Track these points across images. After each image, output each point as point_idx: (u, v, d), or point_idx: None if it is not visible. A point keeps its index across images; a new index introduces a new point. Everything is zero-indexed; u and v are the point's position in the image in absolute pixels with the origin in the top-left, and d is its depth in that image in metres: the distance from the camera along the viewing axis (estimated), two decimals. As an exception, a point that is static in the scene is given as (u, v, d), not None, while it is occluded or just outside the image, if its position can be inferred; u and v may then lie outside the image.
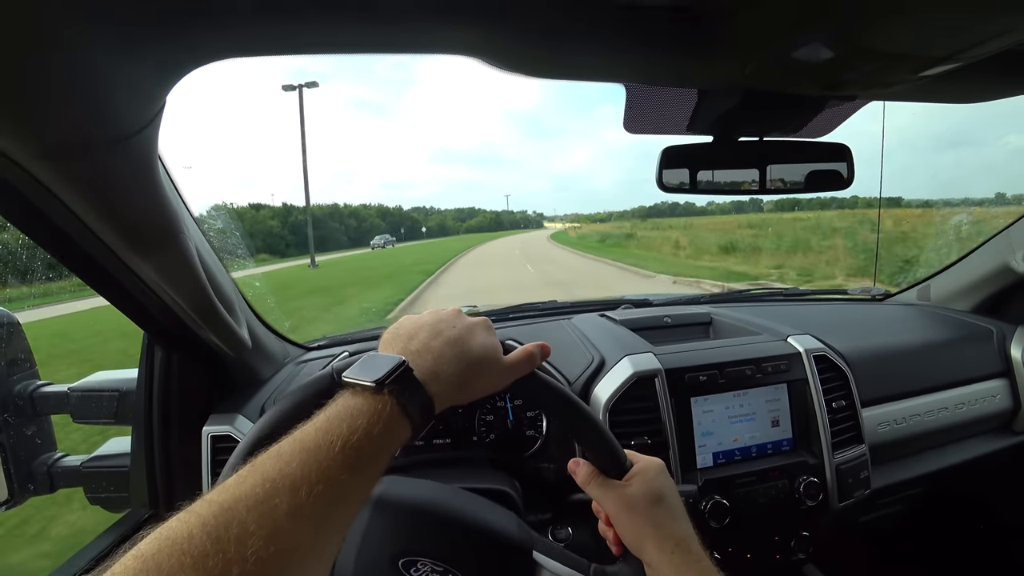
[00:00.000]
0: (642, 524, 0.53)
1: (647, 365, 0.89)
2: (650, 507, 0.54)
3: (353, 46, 0.52)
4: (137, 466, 0.95)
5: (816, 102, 0.78)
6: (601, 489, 0.57)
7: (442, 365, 0.46)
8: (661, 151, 0.80)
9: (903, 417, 1.09)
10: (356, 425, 0.38)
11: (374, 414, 0.40)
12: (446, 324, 0.50)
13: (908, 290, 1.53)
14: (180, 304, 0.73)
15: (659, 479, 0.56)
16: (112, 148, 0.50)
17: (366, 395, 0.41)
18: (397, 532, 0.54)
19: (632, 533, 0.54)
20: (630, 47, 0.59)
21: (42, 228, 0.59)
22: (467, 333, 0.50)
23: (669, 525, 0.53)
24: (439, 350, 0.47)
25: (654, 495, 0.54)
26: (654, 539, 0.52)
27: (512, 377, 0.52)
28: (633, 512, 0.54)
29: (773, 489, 0.88)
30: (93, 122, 0.47)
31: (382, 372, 0.42)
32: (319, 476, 0.34)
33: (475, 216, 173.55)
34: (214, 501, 0.32)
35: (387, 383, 0.41)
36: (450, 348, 0.48)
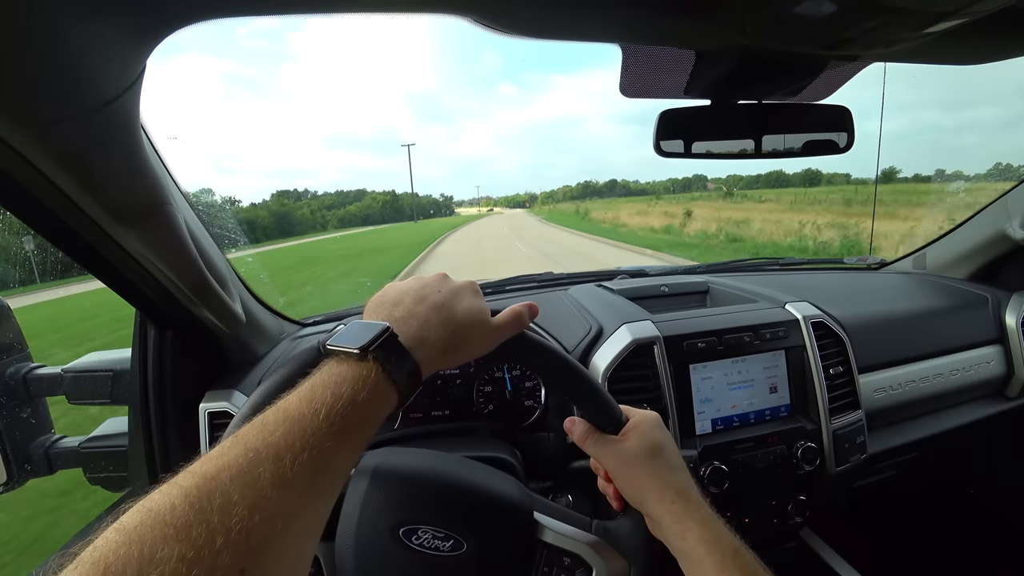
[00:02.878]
0: (641, 477, 0.54)
1: (645, 332, 0.89)
2: (648, 460, 0.54)
3: (345, 4, 0.50)
4: (135, 445, 0.94)
5: (816, 63, 0.77)
6: (598, 445, 0.57)
7: (428, 330, 0.46)
8: (658, 115, 0.79)
9: (899, 383, 1.10)
10: (340, 392, 0.38)
11: (358, 381, 0.39)
12: (431, 289, 0.49)
13: (904, 259, 1.53)
14: (171, 279, 0.71)
15: (656, 432, 0.56)
16: (90, 115, 0.48)
17: (350, 362, 0.41)
18: (396, 501, 0.54)
19: (632, 486, 0.54)
20: (626, 5, 0.57)
21: (24, 203, 0.57)
22: (452, 297, 0.49)
23: (668, 476, 0.53)
24: (424, 315, 0.46)
25: (652, 448, 0.55)
26: (654, 491, 0.53)
27: (500, 339, 0.52)
28: (631, 465, 0.54)
29: (771, 454, 0.89)
30: (68, 88, 0.45)
31: (366, 339, 0.41)
32: (303, 445, 0.34)
33: (362, 199, 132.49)
34: (197, 472, 0.31)
35: (371, 349, 0.41)
36: (436, 313, 0.47)
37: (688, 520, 0.51)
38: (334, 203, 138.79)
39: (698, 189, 78.58)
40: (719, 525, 0.51)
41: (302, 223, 78.64)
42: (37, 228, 0.62)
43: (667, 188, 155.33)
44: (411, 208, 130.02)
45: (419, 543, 0.52)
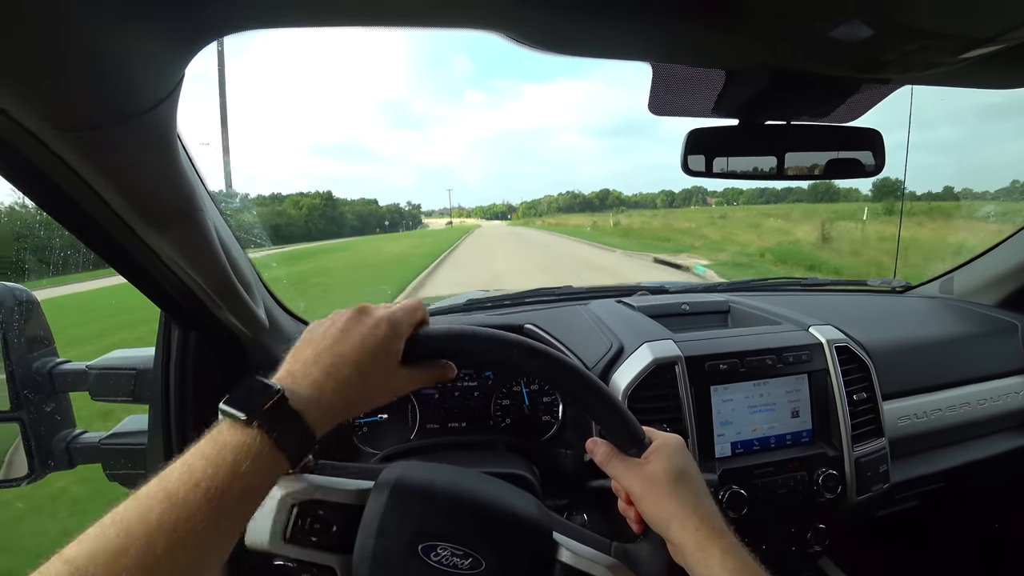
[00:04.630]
0: (665, 501, 0.53)
1: (667, 352, 0.88)
2: (673, 484, 0.53)
3: (378, 18, 0.51)
4: (154, 444, 0.95)
5: (848, 85, 0.76)
6: (621, 467, 0.56)
7: (326, 385, 0.45)
8: (686, 134, 0.78)
9: (923, 411, 1.07)
10: (222, 461, 0.37)
11: (242, 450, 0.38)
12: (332, 337, 0.48)
13: (930, 282, 1.50)
14: (199, 283, 0.72)
15: (679, 456, 0.55)
16: (130, 122, 0.49)
17: (237, 428, 0.40)
18: (415, 517, 0.53)
19: (655, 511, 0.53)
20: (659, 23, 0.57)
21: (60, 204, 0.58)
22: (360, 342, 0.48)
23: (692, 502, 0.52)
24: (326, 366, 0.45)
25: (676, 472, 0.54)
26: (677, 516, 0.52)
27: (413, 386, 0.52)
28: (655, 490, 0.53)
29: (792, 480, 0.87)
30: (110, 95, 0.46)
31: (255, 404, 0.40)
32: (176, 525, 0.33)
33: (301, 206, 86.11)
34: (69, 559, 0.31)
35: (258, 416, 0.40)
36: (335, 366, 0.46)
37: (712, 548, 0.50)
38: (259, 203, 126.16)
39: (697, 203, 77.90)
40: (743, 553, 0.50)
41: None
42: (71, 229, 0.63)
43: (665, 201, 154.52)
44: (370, 219, 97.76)
45: (438, 560, 0.52)
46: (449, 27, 0.54)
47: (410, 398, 0.95)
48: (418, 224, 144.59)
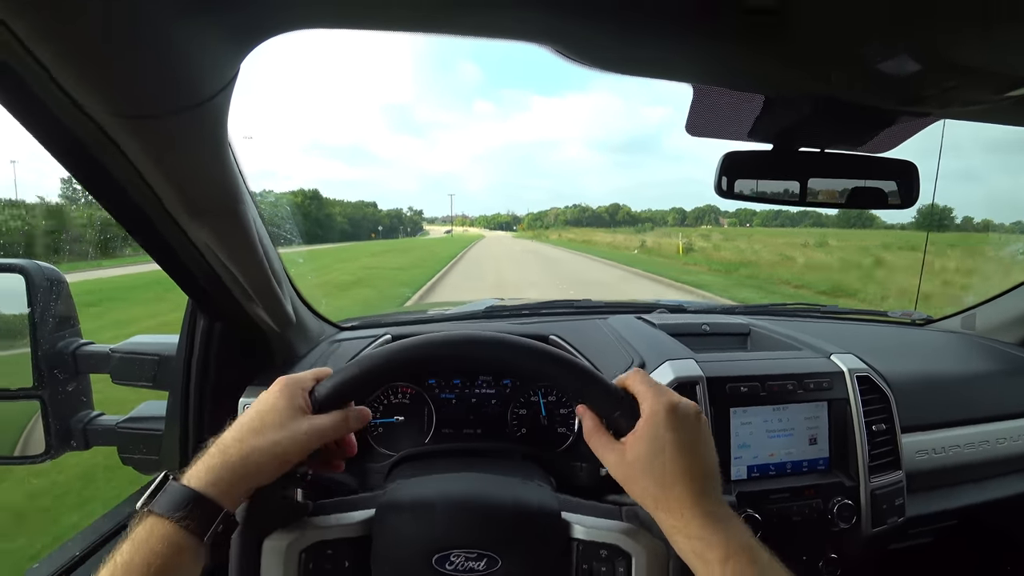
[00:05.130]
0: (640, 485, 0.52)
1: (689, 372, 0.88)
2: (642, 474, 0.51)
3: (435, 25, 0.52)
4: (170, 431, 0.96)
5: (887, 116, 0.76)
6: (601, 449, 0.55)
7: (220, 472, 0.48)
8: (721, 156, 0.79)
9: (942, 447, 1.06)
10: (136, 546, 0.44)
11: (149, 534, 0.45)
12: (236, 424, 0.53)
13: (952, 317, 1.48)
14: (234, 275, 0.73)
15: (663, 432, 0.51)
16: (185, 113, 0.51)
17: (144, 520, 0.46)
18: (425, 531, 0.54)
19: (631, 491, 0.53)
20: (707, 46, 0.58)
21: (108, 188, 0.60)
22: (245, 420, 0.52)
23: (656, 493, 0.51)
24: (220, 452, 0.50)
25: (651, 454, 0.51)
26: (648, 500, 0.51)
27: (322, 431, 0.53)
28: (628, 477, 0.52)
29: (807, 508, 0.87)
30: (169, 85, 0.48)
31: (157, 501, 0.47)
32: None
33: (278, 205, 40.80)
34: None
35: (157, 508, 0.46)
36: (228, 447, 0.50)
37: (677, 535, 0.50)
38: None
39: (710, 222, 76.60)
40: (711, 534, 0.48)
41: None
42: (116, 214, 0.65)
43: (677, 218, 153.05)
44: (366, 222, 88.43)
45: (453, 568, 0.52)
46: (500, 39, 0.55)
47: (427, 401, 0.95)
48: (418, 231, 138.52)
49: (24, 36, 0.38)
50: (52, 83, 0.43)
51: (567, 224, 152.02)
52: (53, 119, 0.48)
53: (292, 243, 1.05)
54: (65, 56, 0.41)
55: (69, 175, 0.56)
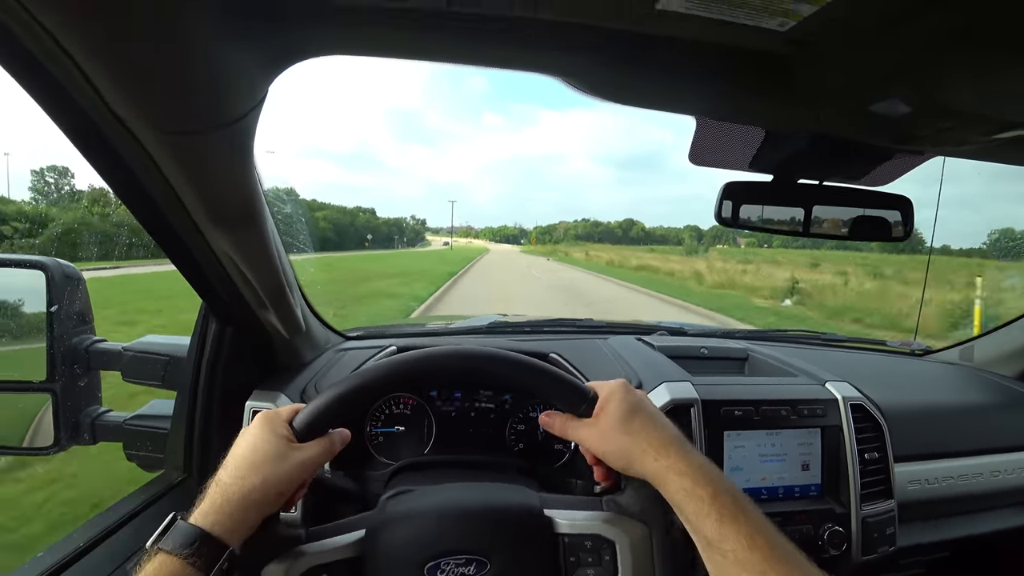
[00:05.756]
0: (621, 446, 0.56)
1: (684, 394, 0.89)
2: (623, 428, 0.56)
3: (454, 56, 0.55)
4: (176, 430, 0.98)
5: (883, 153, 0.79)
6: (576, 430, 0.59)
7: (222, 493, 0.51)
8: (722, 185, 0.82)
9: (935, 477, 1.07)
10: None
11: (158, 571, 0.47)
12: (226, 462, 0.55)
13: (950, 348, 1.49)
14: (251, 282, 0.76)
15: (625, 400, 0.58)
16: (218, 129, 0.54)
17: (155, 557, 0.48)
18: (415, 542, 0.56)
19: (616, 458, 0.57)
20: (713, 84, 0.61)
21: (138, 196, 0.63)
22: (235, 458, 0.55)
23: (645, 436, 0.55)
24: (221, 493, 0.52)
25: (624, 415, 0.57)
26: (636, 455, 0.55)
27: (312, 459, 0.56)
28: (610, 437, 0.57)
29: (797, 533, 0.87)
30: (205, 103, 0.51)
31: (167, 539, 0.49)
32: None
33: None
34: None
35: (167, 546, 0.48)
36: (226, 488, 0.52)
37: (669, 473, 0.53)
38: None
39: (728, 242, 75.24)
40: (699, 472, 0.52)
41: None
42: (143, 220, 0.68)
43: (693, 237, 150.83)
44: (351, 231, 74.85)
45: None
46: (512, 69, 0.58)
47: (428, 413, 0.97)
48: (418, 241, 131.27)
49: (75, 54, 0.41)
50: (99, 98, 0.46)
51: (577, 239, 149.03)
52: (96, 131, 0.52)
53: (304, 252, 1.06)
54: (113, 73, 0.44)
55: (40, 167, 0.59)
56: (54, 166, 19.37)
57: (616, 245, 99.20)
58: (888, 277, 17.89)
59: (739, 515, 0.50)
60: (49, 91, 0.47)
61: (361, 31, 0.52)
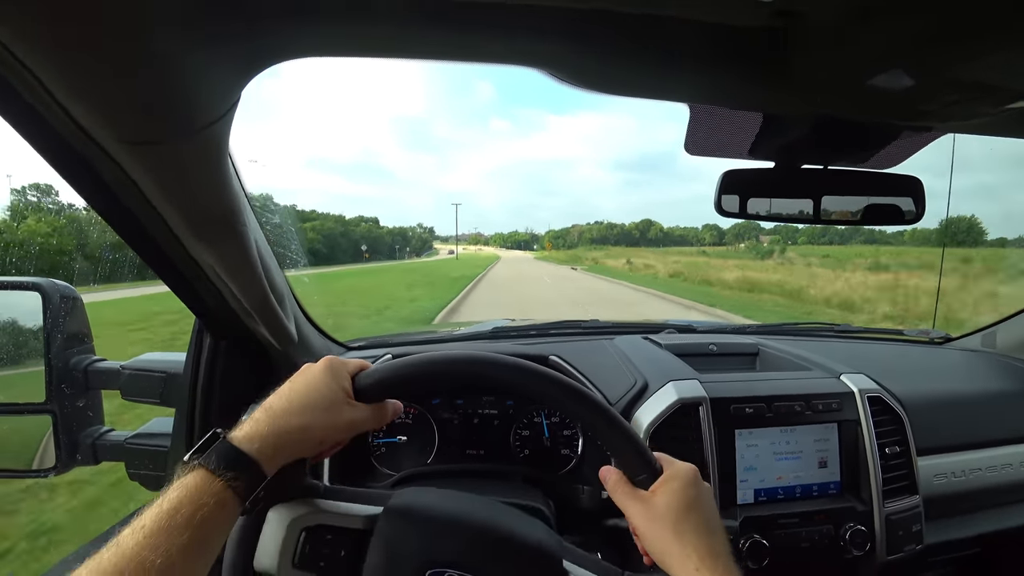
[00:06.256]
0: (665, 538, 0.52)
1: (692, 392, 0.86)
2: (675, 520, 0.52)
3: (433, 53, 0.53)
4: (177, 447, 0.97)
5: (888, 132, 0.75)
6: (627, 499, 0.55)
7: (267, 438, 0.49)
8: (720, 175, 0.78)
9: (962, 470, 1.02)
10: (183, 497, 0.44)
11: (184, 487, 0.44)
12: (278, 395, 0.54)
13: (971, 335, 1.44)
14: (235, 294, 0.75)
15: (689, 489, 0.54)
16: (188, 137, 0.52)
17: (192, 472, 0.46)
18: (424, 543, 0.54)
19: (655, 547, 0.53)
20: (704, 68, 0.58)
21: (114, 209, 0.62)
22: (291, 394, 0.53)
23: (694, 540, 0.51)
24: (268, 422, 0.50)
25: (681, 507, 0.52)
26: (677, 555, 0.51)
27: (363, 419, 0.55)
28: (656, 524, 0.52)
29: (817, 534, 0.84)
30: (174, 111, 0.49)
31: (208, 455, 0.47)
32: (154, 554, 0.40)
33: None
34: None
35: (207, 462, 0.46)
36: (275, 418, 0.51)
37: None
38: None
39: (751, 239, 73.57)
40: None
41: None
42: (123, 235, 0.66)
43: (714, 236, 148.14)
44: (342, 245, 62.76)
45: None
46: (497, 63, 0.56)
47: (430, 422, 0.95)
48: (424, 250, 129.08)
49: (30, 63, 0.40)
50: (59, 108, 0.45)
51: (592, 243, 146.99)
52: (61, 143, 0.50)
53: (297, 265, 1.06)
54: (70, 83, 0.42)
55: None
56: (37, 184, 19.48)
57: (634, 247, 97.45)
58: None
59: None
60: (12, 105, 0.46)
61: (332, 31, 0.50)
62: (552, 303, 14.90)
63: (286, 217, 1.16)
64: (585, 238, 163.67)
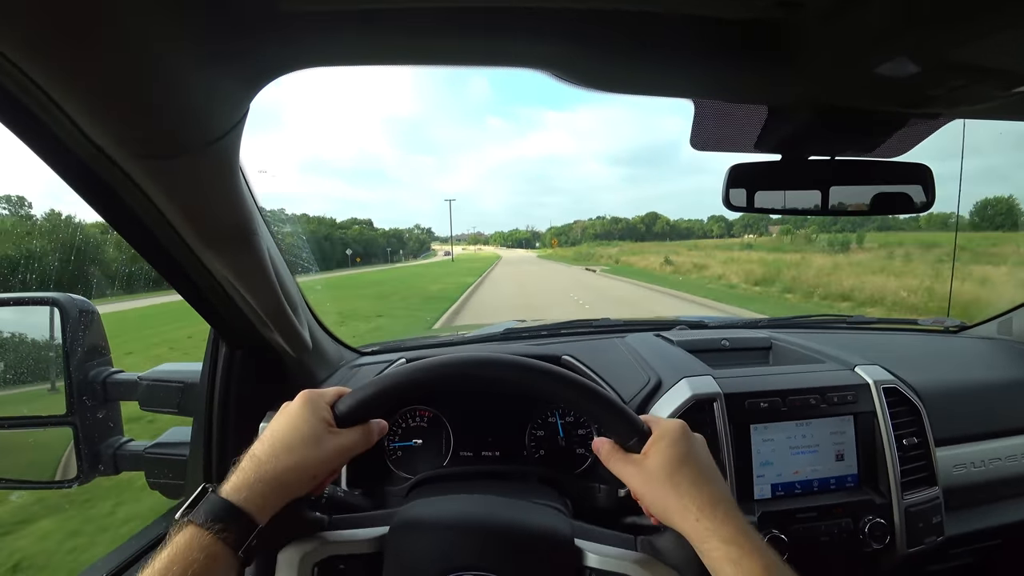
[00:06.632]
0: (663, 495, 0.52)
1: (706, 388, 0.86)
2: (669, 476, 0.52)
3: (439, 59, 0.54)
4: (195, 456, 0.99)
5: (895, 120, 0.75)
6: (620, 465, 0.56)
7: (251, 472, 0.50)
8: (728, 169, 0.78)
9: (981, 460, 1.01)
10: (174, 556, 0.45)
11: (175, 547, 0.45)
12: (262, 441, 0.54)
13: (987, 322, 1.42)
14: (250, 303, 0.76)
15: (679, 444, 0.54)
16: (199, 150, 0.53)
17: (183, 529, 0.47)
18: (436, 551, 0.55)
19: (656, 505, 0.53)
20: (706, 62, 0.58)
21: (129, 223, 0.63)
22: (273, 437, 0.53)
23: (691, 492, 0.51)
24: (255, 470, 0.50)
25: (673, 462, 0.53)
26: (677, 510, 0.51)
27: (348, 445, 0.55)
28: (653, 484, 0.53)
29: (836, 528, 0.83)
30: (184, 125, 0.50)
31: (197, 511, 0.48)
32: None
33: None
34: None
35: (186, 515, 0.47)
36: (260, 465, 0.51)
37: (712, 538, 0.49)
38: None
39: (759, 231, 72.19)
40: (747, 541, 0.48)
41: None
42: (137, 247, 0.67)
43: (723, 228, 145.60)
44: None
45: None
46: (499, 67, 0.57)
47: (445, 425, 0.96)
48: (422, 252, 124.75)
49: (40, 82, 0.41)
50: (73, 127, 0.46)
51: (596, 238, 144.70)
52: (75, 159, 0.51)
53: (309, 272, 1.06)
54: (81, 102, 0.43)
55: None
56: (8, 196, 19.60)
57: (641, 242, 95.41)
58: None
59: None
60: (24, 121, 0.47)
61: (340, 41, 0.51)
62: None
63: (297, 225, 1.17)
64: (588, 234, 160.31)
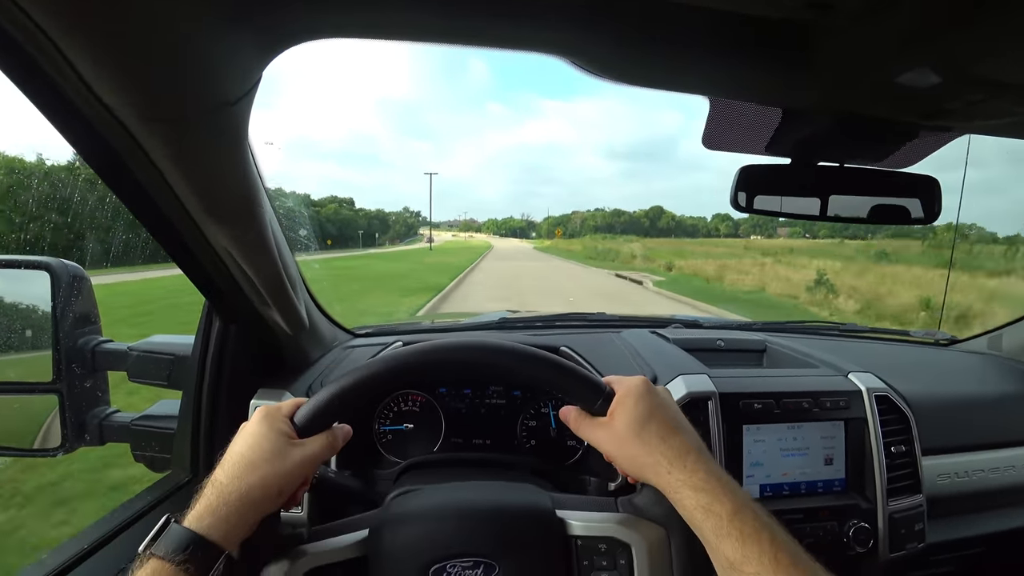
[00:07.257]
0: (633, 453, 0.53)
1: (701, 387, 0.86)
2: (636, 434, 0.53)
3: (458, 37, 0.53)
4: (183, 430, 0.97)
5: (907, 131, 0.75)
6: (589, 429, 0.56)
7: (218, 511, 0.48)
8: (738, 170, 0.78)
9: (965, 471, 1.02)
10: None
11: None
12: (224, 462, 0.52)
13: (978, 337, 1.44)
14: (251, 278, 0.74)
15: (643, 400, 0.54)
16: (208, 116, 0.52)
17: (147, 562, 0.46)
18: (420, 543, 0.54)
19: (628, 465, 0.54)
20: (725, 60, 0.58)
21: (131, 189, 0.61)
22: (234, 457, 0.52)
23: (659, 446, 0.52)
24: (218, 496, 0.49)
25: (639, 419, 0.53)
26: (648, 465, 0.52)
27: (312, 456, 0.54)
28: (623, 444, 0.53)
29: (821, 530, 0.84)
30: (195, 89, 0.49)
31: (159, 544, 0.46)
32: None
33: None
34: None
35: (147, 546, 0.46)
36: (224, 489, 0.49)
37: (684, 488, 0.50)
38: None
39: (767, 232, 71.71)
40: (717, 486, 0.49)
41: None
42: (139, 215, 0.66)
43: (730, 228, 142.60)
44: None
45: None
46: (519, 50, 0.56)
47: (438, 410, 0.95)
48: (407, 237, 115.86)
49: (54, 36, 0.39)
50: (82, 85, 0.44)
51: (596, 231, 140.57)
52: (82, 120, 0.50)
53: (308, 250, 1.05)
54: (95, 59, 0.42)
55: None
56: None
57: (646, 237, 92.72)
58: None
59: (762, 532, 0.47)
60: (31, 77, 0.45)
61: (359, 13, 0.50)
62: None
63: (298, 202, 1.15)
64: (588, 225, 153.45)
